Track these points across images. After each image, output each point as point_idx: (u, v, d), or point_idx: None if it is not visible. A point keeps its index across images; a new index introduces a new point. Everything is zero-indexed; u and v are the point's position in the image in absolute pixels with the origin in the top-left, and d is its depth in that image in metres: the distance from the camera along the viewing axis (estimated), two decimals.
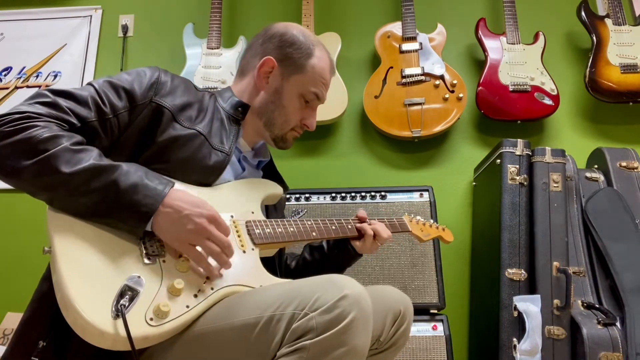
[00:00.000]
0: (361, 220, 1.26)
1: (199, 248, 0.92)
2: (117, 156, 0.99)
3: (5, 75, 2.37)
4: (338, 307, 0.79)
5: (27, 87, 2.34)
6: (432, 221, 1.44)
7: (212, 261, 0.93)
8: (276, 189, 1.22)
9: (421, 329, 1.55)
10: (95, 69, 2.34)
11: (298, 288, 0.86)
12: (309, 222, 1.17)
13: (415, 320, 1.55)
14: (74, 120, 0.94)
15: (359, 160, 2.13)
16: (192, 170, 1.04)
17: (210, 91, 1.22)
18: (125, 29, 2.38)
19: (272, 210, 1.29)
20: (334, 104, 2.01)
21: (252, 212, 1.12)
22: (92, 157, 0.89)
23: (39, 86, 2.33)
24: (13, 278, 2.10)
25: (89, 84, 1.01)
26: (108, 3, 2.46)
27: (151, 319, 0.83)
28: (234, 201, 1.10)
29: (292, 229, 1.13)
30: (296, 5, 2.23)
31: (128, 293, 0.83)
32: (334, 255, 1.28)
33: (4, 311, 1.96)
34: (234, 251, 0.98)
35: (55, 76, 2.35)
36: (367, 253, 1.27)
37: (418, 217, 1.41)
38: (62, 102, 0.94)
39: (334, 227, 1.21)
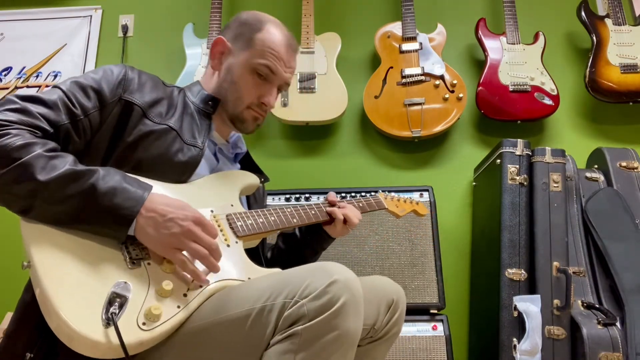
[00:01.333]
0: (331, 204, 1.25)
1: (185, 253, 0.90)
2: (92, 157, 0.99)
3: (5, 75, 2.37)
4: (328, 293, 0.79)
5: (27, 87, 2.34)
6: (406, 196, 1.46)
7: (199, 265, 0.92)
8: (252, 179, 1.21)
9: (421, 329, 1.55)
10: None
11: (287, 277, 0.86)
12: (289, 210, 1.17)
13: (415, 320, 1.56)
14: (46, 126, 0.92)
15: (359, 160, 2.12)
16: (166, 167, 1.03)
17: (179, 86, 1.22)
18: (125, 29, 2.38)
19: (253, 201, 1.28)
20: (334, 104, 2.01)
21: (232, 205, 1.11)
22: (67, 162, 0.87)
23: (39, 86, 2.33)
24: (13, 278, 2.10)
25: (56, 86, 1.00)
26: (108, 3, 2.46)
27: (144, 324, 0.82)
28: (212, 196, 1.09)
29: (273, 218, 1.12)
30: (296, 5, 2.23)
31: (117, 300, 0.81)
32: (308, 241, 1.28)
33: (3, 311, 1.96)
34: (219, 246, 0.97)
35: (55, 76, 2.35)
36: (338, 236, 1.27)
37: (393, 194, 1.42)
38: (32, 107, 0.92)
39: (313, 212, 1.21)
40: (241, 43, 1.18)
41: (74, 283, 0.81)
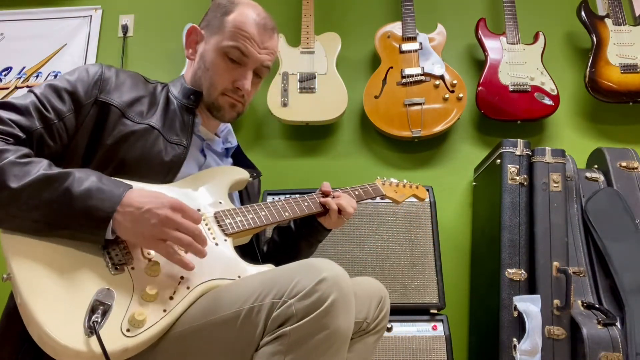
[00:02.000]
0: (325, 194, 1.22)
1: (169, 243, 0.86)
2: (70, 161, 0.97)
3: (5, 75, 2.37)
4: (317, 291, 0.77)
5: (27, 87, 2.34)
6: (405, 181, 1.42)
7: (187, 254, 0.89)
8: (241, 174, 1.17)
9: (421, 329, 1.55)
10: None
11: (275, 276, 0.84)
12: (280, 203, 1.13)
13: (415, 320, 1.56)
14: (18, 133, 0.91)
15: (359, 160, 2.12)
16: (149, 168, 1.00)
17: (163, 82, 1.18)
18: (125, 29, 2.38)
19: (246, 197, 1.26)
20: (334, 104, 2.01)
21: (220, 202, 1.08)
22: (41, 167, 0.85)
23: None
24: None
25: (30, 91, 0.98)
26: (108, 3, 2.46)
27: (128, 330, 0.80)
28: (199, 194, 1.06)
29: (263, 213, 1.09)
30: (296, 5, 2.23)
31: (100, 308, 0.79)
32: (303, 233, 1.25)
33: None
34: (207, 244, 0.94)
35: (55, 76, 2.35)
36: (334, 227, 1.24)
37: (391, 179, 1.39)
38: (3, 114, 0.91)
39: (306, 204, 1.17)
40: (212, 28, 1.14)
41: (55, 293, 0.79)
